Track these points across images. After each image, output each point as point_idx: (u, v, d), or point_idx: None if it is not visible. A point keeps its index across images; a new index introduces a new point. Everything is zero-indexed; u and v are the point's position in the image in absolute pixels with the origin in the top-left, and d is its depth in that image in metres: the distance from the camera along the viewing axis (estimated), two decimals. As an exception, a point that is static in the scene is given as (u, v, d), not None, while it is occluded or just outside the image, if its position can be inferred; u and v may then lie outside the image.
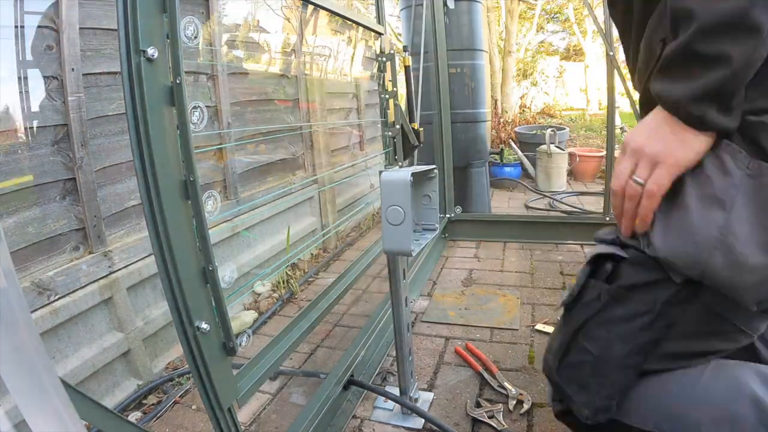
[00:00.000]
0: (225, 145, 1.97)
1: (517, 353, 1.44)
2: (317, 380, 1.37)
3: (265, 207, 2.22)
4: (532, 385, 1.28)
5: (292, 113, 2.50)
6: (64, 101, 1.31)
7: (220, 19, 1.92)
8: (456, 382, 1.32)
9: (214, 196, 0.74)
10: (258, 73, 2.24)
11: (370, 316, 1.62)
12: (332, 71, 2.86)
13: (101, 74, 1.43)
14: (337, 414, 1.19)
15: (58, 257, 1.32)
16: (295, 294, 2.10)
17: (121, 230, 1.53)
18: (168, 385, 1.49)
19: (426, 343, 1.54)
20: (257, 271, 2.12)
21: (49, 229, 1.29)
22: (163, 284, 0.69)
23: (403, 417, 1.19)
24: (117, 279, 1.45)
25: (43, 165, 1.27)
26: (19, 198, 1.22)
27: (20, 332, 0.33)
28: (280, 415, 1.28)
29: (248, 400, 0.94)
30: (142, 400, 1.44)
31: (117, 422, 0.63)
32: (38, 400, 0.33)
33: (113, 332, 1.46)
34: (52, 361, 1.09)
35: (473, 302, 1.79)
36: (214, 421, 0.78)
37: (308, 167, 2.66)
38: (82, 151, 1.35)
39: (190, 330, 0.71)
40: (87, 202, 1.37)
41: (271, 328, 1.84)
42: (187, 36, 0.67)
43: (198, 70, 1.85)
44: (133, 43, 0.60)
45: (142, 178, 0.64)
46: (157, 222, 0.65)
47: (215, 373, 0.75)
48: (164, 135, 0.65)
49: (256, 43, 2.21)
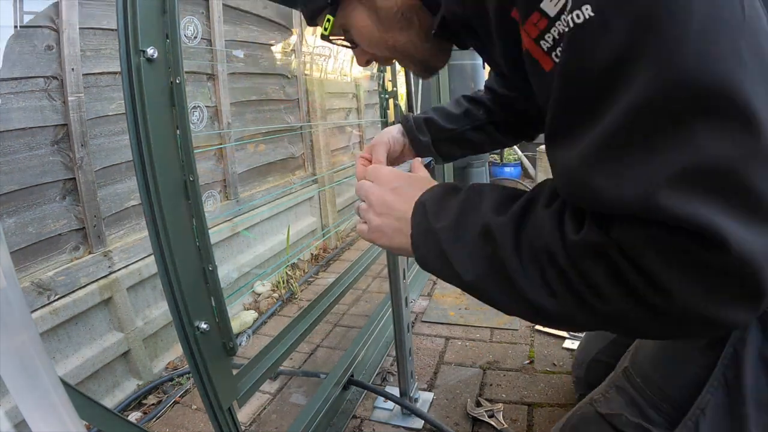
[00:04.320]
0: (225, 145, 1.97)
1: (517, 353, 1.44)
2: (317, 380, 1.37)
3: (265, 207, 2.22)
4: (532, 385, 1.28)
5: (292, 113, 2.50)
6: (64, 101, 1.31)
7: (220, 18, 1.92)
8: (456, 382, 1.32)
9: (214, 196, 0.74)
10: (258, 73, 2.23)
11: (370, 316, 1.62)
12: (332, 71, 2.85)
13: (101, 74, 1.43)
14: (337, 414, 1.19)
15: (58, 257, 1.32)
16: (295, 294, 2.10)
17: (121, 230, 1.53)
18: (168, 385, 1.49)
19: (426, 343, 1.54)
20: (257, 271, 2.12)
21: (49, 229, 1.29)
22: (163, 284, 0.69)
23: (403, 417, 1.19)
24: (117, 279, 1.45)
25: (43, 165, 1.27)
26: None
27: (20, 332, 0.33)
28: (280, 415, 1.28)
29: (248, 400, 0.94)
30: (142, 400, 1.44)
31: (117, 422, 0.63)
32: (38, 400, 0.33)
33: (113, 332, 1.46)
34: (52, 361, 1.09)
35: (473, 302, 1.79)
36: (214, 421, 0.78)
37: (308, 167, 2.66)
38: (82, 151, 1.35)
39: (190, 330, 0.71)
40: (87, 202, 1.37)
41: (271, 328, 1.84)
42: (187, 36, 0.67)
43: (198, 70, 1.85)
44: (133, 43, 0.60)
45: (142, 178, 0.64)
46: (157, 222, 0.65)
47: (215, 373, 0.75)
48: (164, 135, 0.65)
49: (256, 43, 2.21)
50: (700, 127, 0.29)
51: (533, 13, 0.35)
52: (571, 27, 0.32)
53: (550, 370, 1.34)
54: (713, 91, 0.28)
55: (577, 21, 0.31)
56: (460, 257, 0.43)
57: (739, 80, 0.28)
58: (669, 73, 0.29)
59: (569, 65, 0.33)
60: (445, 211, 0.46)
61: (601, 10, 0.30)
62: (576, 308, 0.37)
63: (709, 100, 0.28)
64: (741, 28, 0.29)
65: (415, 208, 0.49)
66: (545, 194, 0.40)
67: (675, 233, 0.30)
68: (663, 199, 0.29)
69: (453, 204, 0.46)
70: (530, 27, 0.36)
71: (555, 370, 1.34)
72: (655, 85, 0.29)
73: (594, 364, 0.99)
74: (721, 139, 0.28)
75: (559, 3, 0.33)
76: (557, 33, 0.34)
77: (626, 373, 0.65)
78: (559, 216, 0.37)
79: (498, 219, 0.41)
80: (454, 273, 0.44)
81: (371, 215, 0.53)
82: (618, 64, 0.30)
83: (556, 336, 1.49)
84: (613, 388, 0.66)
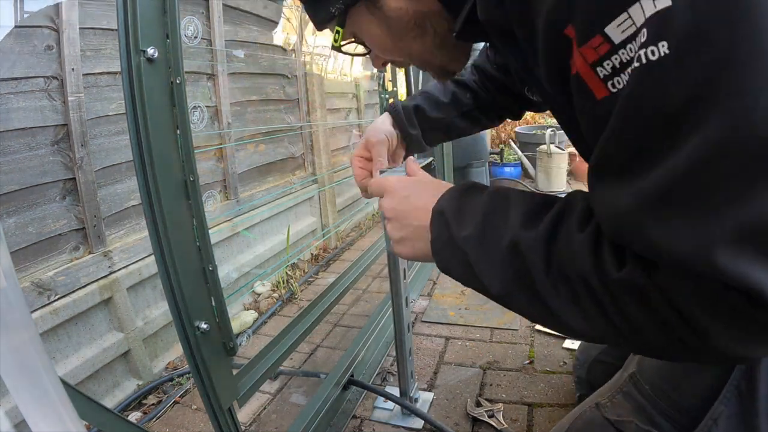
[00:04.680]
0: (225, 145, 1.97)
1: (517, 353, 1.44)
2: (317, 380, 1.37)
3: (265, 207, 2.22)
4: (532, 385, 1.28)
5: (292, 113, 2.50)
6: (64, 101, 1.31)
7: (220, 18, 1.92)
8: (456, 382, 1.32)
9: (214, 196, 0.74)
10: (258, 73, 2.23)
11: (370, 316, 1.62)
12: (332, 71, 2.86)
13: (101, 74, 1.43)
14: (337, 414, 1.19)
15: (58, 257, 1.32)
16: (295, 294, 2.10)
17: (121, 230, 1.53)
18: (168, 385, 1.49)
19: (426, 343, 1.54)
20: (257, 271, 2.12)
21: (49, 229, 1.29)
22: (163, 284, 0.69)
23: (403, 417, 1.19)
24: (117, 279, 1.45)
25: (43, 165, 1.27)
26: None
27: (20, 332, 0.33)
28: (280, 415, 1.28)
29: (248, 400, 0.94)
30: (142, 400, 1.44)
31: (117, 422, 0.63)
32: (38, 400, 0.33)
33: (113, 332, 1.46)
34: (52, 361, 1.09)
35: (473, 302, 1.79)
36: (214, 421, 0.78)
37: (308, 167, 2.66)
38: (82, 151, 1.34)
39: (190, 330, 0.71)
40: (87, 202, 1.37)
41: (271, 328, 1.84)
42: (187, 36, 0.67)
43: (198, 70, 1.85)
44: (133, 43, 0.60)
45: (142, 178, 0.64)
46: (157, 222, 0.65)
47: (215, 373, 0.75)
48: (164, 135, 0.65)
49: (256, 43, 2.21)
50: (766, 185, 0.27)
51: (595, 35, 0.32)
52: (644, 62, 0.29)
53: (550, 370, 1.34)
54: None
55: (652, 58, 0.29)
56: (487, 270, 0.42)
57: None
58: (744, 122, 0.27)
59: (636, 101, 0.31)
60: (468, 218, 0.44)
61: (677, 49, 0.28)
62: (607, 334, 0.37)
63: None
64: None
65: (433, 216, 0.47)
66: (578, 213, 0.39)
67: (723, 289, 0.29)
68: (719, 257, 0.28)
69: (477, 210, 0.44)
70: (588, 51, 0.33)
71: (555, 370, 1.33)
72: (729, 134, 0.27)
73: (595, 364, 0.99)
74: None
75: (627, 30, 0.30)
76: (618, 62, 0.32)
77: (633, 378, 0.64)
78: (596, 246, 0.36)
79: (527, 234, 0.40)
80: (480, 284, 0.44)
81: (390, 228, 0.53)
82: (691, 107, 0.28)
83: (556, 336, 1.49)
84: (620, 393, 0.65)
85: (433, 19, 0.55)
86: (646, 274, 0.33)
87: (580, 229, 0.38)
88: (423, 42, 0.57)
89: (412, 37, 0.56)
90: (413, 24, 0.55)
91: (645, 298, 0.33)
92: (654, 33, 0.28)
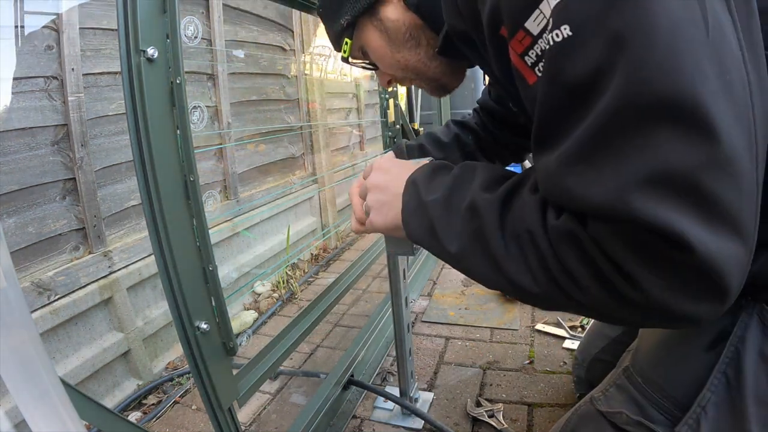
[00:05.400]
0: (225, 145, 1.97)
1: (517, 353, 1.44)
2: (317, 380, 1.37)
3: (265, 207, 2.22)
4: (532, 385, 1.28)
5: (292, 113, 2.50)
6: (64, 101, 1.31)
7: (220, 18, 1.92)
8: (456, 382, 1.32)
9: (214, 196, 0.74)
10: (258, 73, 2.23)
11: (370, 316, 1.62)
12: (332, 71, 2.86)
13: (101, 74, 1.43)
14: (337, 414, 1.19)
15: (58, 257, 1.32)
16: (295, 294, 2.10)
17: (121, 230, 1.53)
18: (168, 385, 1.49)
19: (426, 343, 1.54)
20: (257, 271, 2.12)
21: (49, 229, 1.29)
22: (163, 284, 0.69)
23: (403, 417, 1.19)
24: (117, 279, 1.45)
25: (43, 165, 1.27)
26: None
27: (20, 332, 0.33)
28: (280, 415, 1.28)
29: (248, 400, 0.94)
30: (142, 400, 1.44)
31: (117, 422, 0.63)
32: (38, 400, 0.33)
33: (113, 332, 1.46)
34: (52, 361, 1.09)
35: (473, 302, 1.79)
36: (214, 421, 0.78)
37: (308, 167, 2.66)
38: (82, 151, 1.35)
39: (190, 330, 0.71)
40: (87, 202, 1.37)
41: (271, 328, 1.84)
42: (187, 36, 0.67)
43: (198, 70, 1.85)
44: (133, 43, 0.60)
45: (142, 178, 0.64)
46: (157, 222, 0.65)
47: (215, 373, 0.75)
48: (164, 135, 0.65)
49: (256, 43, 2.21)
50: (664, 135, 0.31)
51: (518, 31, 0.37)
52: (551, 44, 0.34)
53: (550, 370, 1.34)
54: (675, 100, 0.30)
55: (557, 39, 0.34)
56: (446, 229, 0.46)
57: (700, 92, 0.30)
58: (636, 85, 0.31)
59: (550, 79, 0.36)
60: (437, 185, 0.49)
61: (577, 30, 0.33)
62: (553, 291, 0.39)
63: (671, 110, 0.30)
64: (704, 45, 0.31)
65: (407, 185, 0.52)
66: (532, 180, 0.42)
67: (643, 232, 0.32)
68: (630, 203, 0.31)
69: (447, 179, 0.48)
70: (516, 44, 0.38)
71: (555, 370, 1.34)
72: (624, 95, 0.31)
73: (595, 363, 0.99)
74: (683, 146, 0.30)
75: (541, 23, 0.35)
76: (540, 50, 0.37)
77: (627, 372, 0.65)
78: (543, 202, 0.40)
79: (485, 196, 0.43)
80: (440, 245, 0.47)
81: (369, 199, 0.57)
82: (593, 77, 0.33)
83: (556, 336, 1.49)
84: (613, 386, 0.66)
85: (425, 32, 0.60)
86: (581, 227, 0.36)
87: (533, 191, 0.41)
88: (417, 53, 0.62)
89: (408, 49, 0.62)
90: (409, 35, 0.61)
91: (582, 250, 0.36)
92: (557, 19, 0.33)
